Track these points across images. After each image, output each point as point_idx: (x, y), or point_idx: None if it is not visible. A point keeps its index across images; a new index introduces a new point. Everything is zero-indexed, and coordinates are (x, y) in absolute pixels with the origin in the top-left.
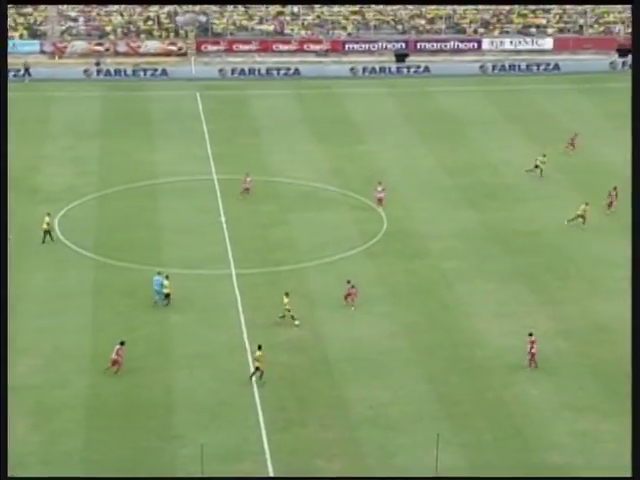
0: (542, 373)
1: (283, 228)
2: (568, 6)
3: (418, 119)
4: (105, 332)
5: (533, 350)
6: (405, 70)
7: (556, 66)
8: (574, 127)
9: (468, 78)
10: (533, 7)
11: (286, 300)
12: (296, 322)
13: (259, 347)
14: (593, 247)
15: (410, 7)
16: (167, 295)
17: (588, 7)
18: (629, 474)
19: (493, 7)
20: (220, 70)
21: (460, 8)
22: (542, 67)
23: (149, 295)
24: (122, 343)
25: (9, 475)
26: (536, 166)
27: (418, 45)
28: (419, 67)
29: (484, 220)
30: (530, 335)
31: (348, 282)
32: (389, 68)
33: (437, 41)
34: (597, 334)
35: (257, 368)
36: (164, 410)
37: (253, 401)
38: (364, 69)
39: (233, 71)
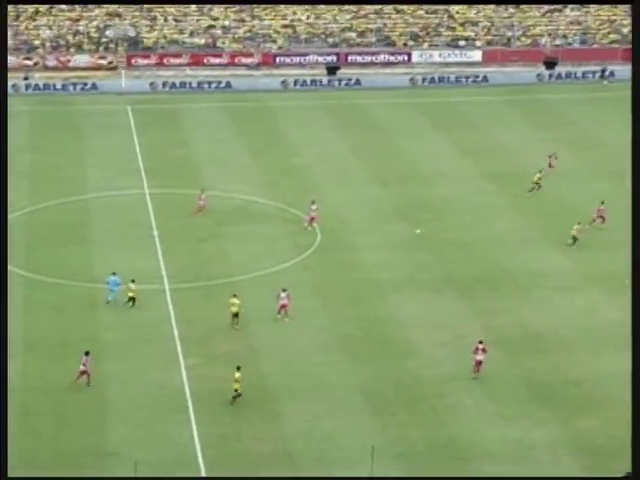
0: (475, 382)
1: (217, 242)
2: (496, 19)
3: (350, 131)
4: (36, 349)
5: (479, 357)
6: (336, 83)
7: (485, 78)
8: (503, 138)
9: (399, 90)
10: (462, 20)
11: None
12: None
13: (238, 368)
14: (524, 258)
15: (340, 21)
16: (131, 299)
17: (515, 20)
18: None
19: (422, 20)
20: (151, 84)
21: (390, 21)
22: (471, 79)
23: (81, 311)
24: (87, 353)
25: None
26: (536, 183)
27: (349, 58)
28: (350, 80)
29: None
30: (480, 343)
31: (284, 290)
32: (320, 81)
33: (368, 54)
34: (529, 343)
35: (235, 390)
36: (97, 427)
37: (187, 416)
38: (295, 82)
39: (164, 85)
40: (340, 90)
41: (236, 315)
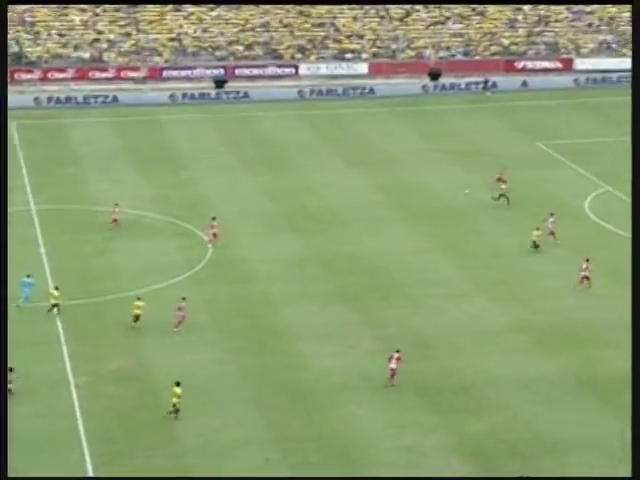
0: (367, 392)
1: (106, 257)
2: (381, 32)
3: (239, 144)
4: None
5: (393, 366)
6: (225, 96)
7: (371, 90)
8: (390, 149)
9: (287, 103)
10: (348, 33)
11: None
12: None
13: (177, 384)
14: (414, 267)
15: (227, 34)
16: (54, 305)
17: (400, 32)
18: None
19: (309, 33)
20: (35, 99)
21: (277, 35)
22: (358, 91)
23: None
24: (11, 370)
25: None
26: (504, 195)
27: (237, 71)
28: (238, 93)
29: (307, 243)
30: (397, 352)
31: (183, 299)
32: (209, 94)
33: (255, 67)
34: (419, 351)
35: (174, 405)
36: None
37: (78, 435)
38: (183, 95)
39: (49, 99)
40: (228, 103)
41: (137, 318)
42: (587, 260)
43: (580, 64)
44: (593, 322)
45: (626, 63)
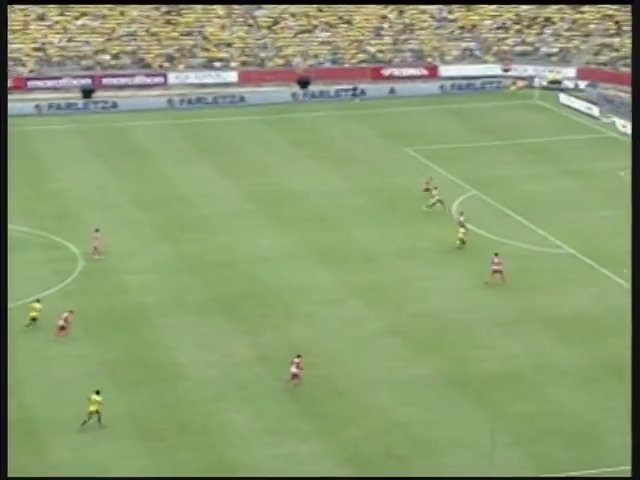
0: (244, 401)
1: None
2: (250, 40)
3: (109, 155)
4: None
5: (293, 370)
6: (92, 106)
7: (241, 98)
8: (261, 157)
9: (156, 112)
10: (216, 42)
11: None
12: None
13: (97, 392)
14: (288, 274)
15: (93, 43)
16: (33, 319)
17: (268, 40)
18: None
19: (177, 42)
20: None
21: (144, 44)
22: (228, 100)
23: None
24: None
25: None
26: (439, 201)
27: (104, 81)
28: (107, 102)
29: (181, 252)
30: (298, 357)
31: (71, 312)
32: (76, 104)
33: (123, 76)
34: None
35: (96, 411)
36: None
37: None
38: (50, 106)
39: None
40: (96, 113)
41: (34, 320)
42: (496, 254)
43: (445, 71)
44: (464, 323)
45: (489, 69)
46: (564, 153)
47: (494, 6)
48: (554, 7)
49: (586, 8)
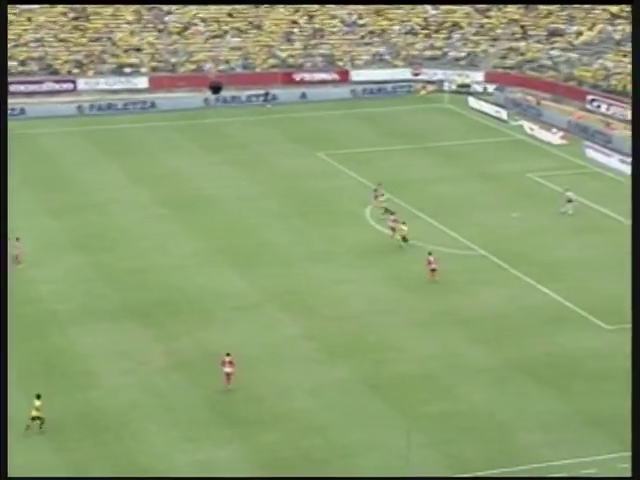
0: (159, 408)
1: None
2: (160, 46)
3: (17, 162)
4: None
5: (228, 370)
6: None
7: (152, 104)
8: (174, 164)
9: (66, 119)
10: (126, 47)
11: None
12: None
13: (38, 396)
14: (203, 280)
15: None
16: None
17: (178, 46)
18: None
19: (85, 48)
20: None
21: (52, 50)
22: (139, 106)
23: None
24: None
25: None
26: (385, 209)
27: (12, 87)
28: (14, 110)
29: (93, 260)
30: (228, 355)
31: None
32: None
33: (31, 83)
34: (211, 365)
35: (38, 417)
36: None
37: None
38: None
39: None
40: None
41: None
42: (430, 253)
43: (356, 75)
44: (379, 326)
45: (399, 74)
46: (474, 156)
47: (403, 10)
48: (461, 12)
49: (492, 12)
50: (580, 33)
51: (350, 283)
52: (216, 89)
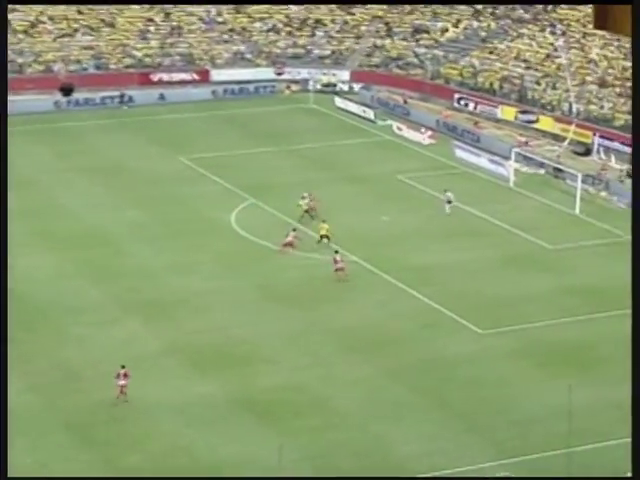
0: (14, 433)
1: None
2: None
3: None
4: None
5: (122, 382)
6: None
7: None
8: (24, 170)
9: None
10: None
11: None
12: None
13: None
14: (57, 294)
15: None
16: None
17: (25, 45)
18: None
19: None
20: None
21: None
22: None
23: None
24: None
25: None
26: (306, 211)
27: None
28: None
29: None
30: (123, 367)
31: None
32: None
33: None
34: (68, 384)
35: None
36: None
37: None
38: None
39: None
40: None
41: None
42: (336, 252)
43: (216, 75)
44: (248, 337)
45: (261, 73)
46: (342, 157)
47: (264, 7)
48: (324, 9)
49: (356, 9)
50: (445, 30)
51: (216, 294)
52: (67, 91)
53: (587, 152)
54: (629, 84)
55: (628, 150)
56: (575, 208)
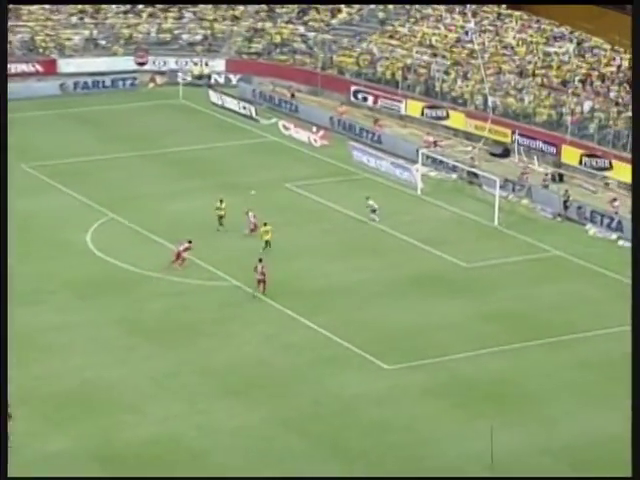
0: None
1: None
2: None
3: None
4: None
5: None
6: None
7: None
8: None
9: None
10: None
11: None
12: None
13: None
14: None
15: None
16: None
17: None
18: None
19: None
20: None
21: None
22: None
23: None
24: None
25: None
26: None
27: None
28: None
29: None
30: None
31: None
32: None
33: None
34: None
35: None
36: None
37: None
38: None
39: None
40: None
41: None
42: (260, 260)
43: (65, 66)
44: (109, 382)
45: (119, 63)
46: (218, 163)
47: None
48: None
49: None
50: (338, 11)
51: (68, 329)
52: None
53: (506, 153)
54: (553, 73)
55: (552, 150)
56: (493, 219)
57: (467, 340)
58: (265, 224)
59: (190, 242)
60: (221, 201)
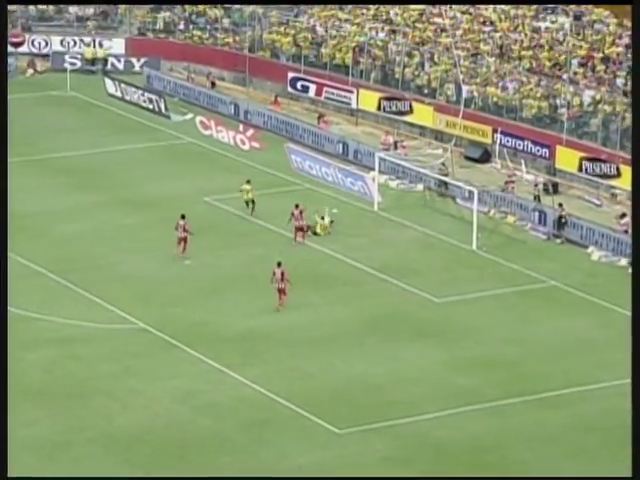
0: None
1: None
2: None
3: None
4: None
5: None
6: None
7: None
8: None
9: None
10: None
11: None
12: None
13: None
14: None
15: None
16: None
17: None
18: None
19: None
20: None
21: None
22: None
23: None
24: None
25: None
26: (251, 201)
27: None
28: None
29: None
30: None
31: None
32: None
33: None
34: None
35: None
36: None
37: None
38: None
39: None
40: None
41: None
42: (279, 264)
43: None
44: None
45: None
46: (117, 172)
47: None
48: None
49: None
50: None
51: None
52: None
53: (485, 157)
54: (544, 55)
55: (545, 153)
56: (471, 241)
57: (438, 396)
58: (248, 181)
59: (183, 217)
60: (248, 181)
